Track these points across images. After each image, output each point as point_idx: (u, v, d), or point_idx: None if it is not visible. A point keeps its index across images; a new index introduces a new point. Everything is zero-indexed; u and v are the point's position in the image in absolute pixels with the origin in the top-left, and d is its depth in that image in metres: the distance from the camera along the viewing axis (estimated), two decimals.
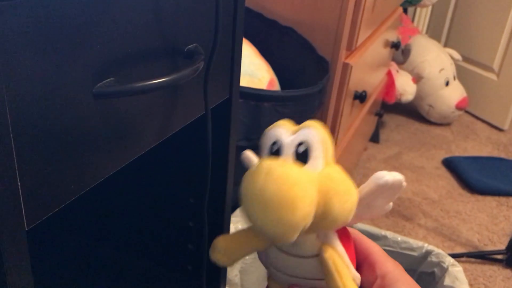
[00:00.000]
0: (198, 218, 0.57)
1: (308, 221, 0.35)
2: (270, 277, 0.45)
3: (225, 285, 0.63)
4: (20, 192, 0.27)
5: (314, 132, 0.37)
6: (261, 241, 0.41)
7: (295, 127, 0.39)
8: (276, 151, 0.38)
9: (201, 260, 0.54)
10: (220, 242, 0.42)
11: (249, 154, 0.45)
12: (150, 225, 0.62)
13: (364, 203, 0.38)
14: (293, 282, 0.42)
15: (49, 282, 0.58)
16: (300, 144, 0.37)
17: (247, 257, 0.83)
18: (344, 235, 0.41)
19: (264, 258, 0.43)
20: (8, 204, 0.26)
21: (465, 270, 1.22)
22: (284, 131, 0.39)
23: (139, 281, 0.61)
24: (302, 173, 0.35)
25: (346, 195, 0.36)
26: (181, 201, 0.58)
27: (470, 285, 1.19)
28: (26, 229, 0.28)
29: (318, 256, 0.39)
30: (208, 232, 0.52)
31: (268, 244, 0.41)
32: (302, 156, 0.37)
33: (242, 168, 0.63)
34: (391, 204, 0.40)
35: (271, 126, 0.41)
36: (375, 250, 0.41)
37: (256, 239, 0.41)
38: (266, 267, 0.44)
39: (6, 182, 0.26)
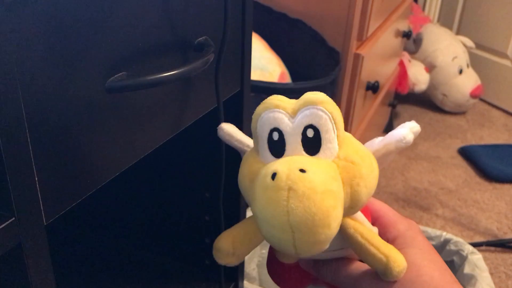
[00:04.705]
0: (214, 212, 0.57)
1: (340, 222, 0.31)
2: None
3: (243, 279, 0.63)
4: (37, 187, 0.27)
5: (321, 110, 0.31)
6: None
7: (294, 105, 0.33)
8: (278, 139, 0.32)
9: None
10: (224, 243, 0.35)
11: (229, 129, 0.38)
12: (168, 220, 0.62)
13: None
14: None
15: (67, 275, 0.59)
16: (307, 127, 0.32)
17: (263, 251, 0.83)
18: None
19: None
20: (27, 199, 0.27)
21: (485, 259, 1.21)
22: (283, 114, 0.32)
23: (158, 276, 0.61)
24: (326, 175, 0.30)
25: (370, 176, 0.32)
26: (197, 195, 0.58)
27: (491, 273, 1.18)
28: (45, 223, 0.28)
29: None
30: (225, 226, 0.52)
31: None
32: (312, 140, 0.32)
33: None
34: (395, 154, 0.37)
35: (263, 105, 0.33)
36: (386, 211, 0.39)
37: None
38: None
39: (24, 177, 0.26)
